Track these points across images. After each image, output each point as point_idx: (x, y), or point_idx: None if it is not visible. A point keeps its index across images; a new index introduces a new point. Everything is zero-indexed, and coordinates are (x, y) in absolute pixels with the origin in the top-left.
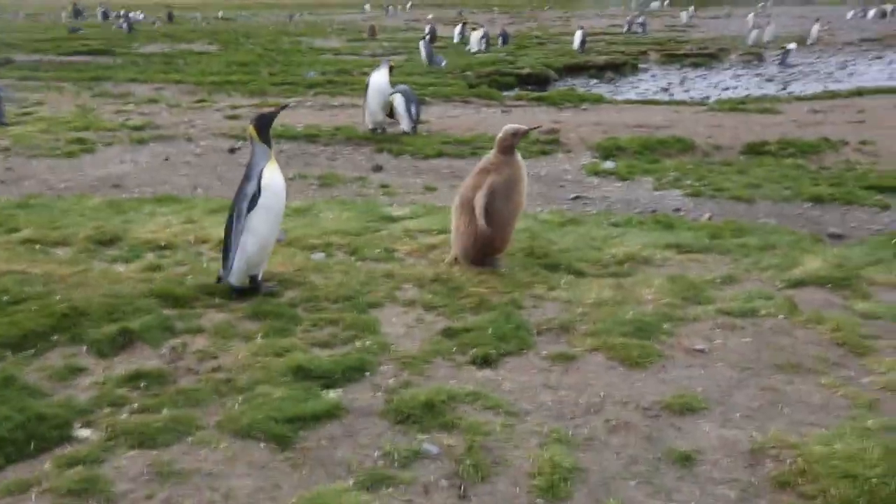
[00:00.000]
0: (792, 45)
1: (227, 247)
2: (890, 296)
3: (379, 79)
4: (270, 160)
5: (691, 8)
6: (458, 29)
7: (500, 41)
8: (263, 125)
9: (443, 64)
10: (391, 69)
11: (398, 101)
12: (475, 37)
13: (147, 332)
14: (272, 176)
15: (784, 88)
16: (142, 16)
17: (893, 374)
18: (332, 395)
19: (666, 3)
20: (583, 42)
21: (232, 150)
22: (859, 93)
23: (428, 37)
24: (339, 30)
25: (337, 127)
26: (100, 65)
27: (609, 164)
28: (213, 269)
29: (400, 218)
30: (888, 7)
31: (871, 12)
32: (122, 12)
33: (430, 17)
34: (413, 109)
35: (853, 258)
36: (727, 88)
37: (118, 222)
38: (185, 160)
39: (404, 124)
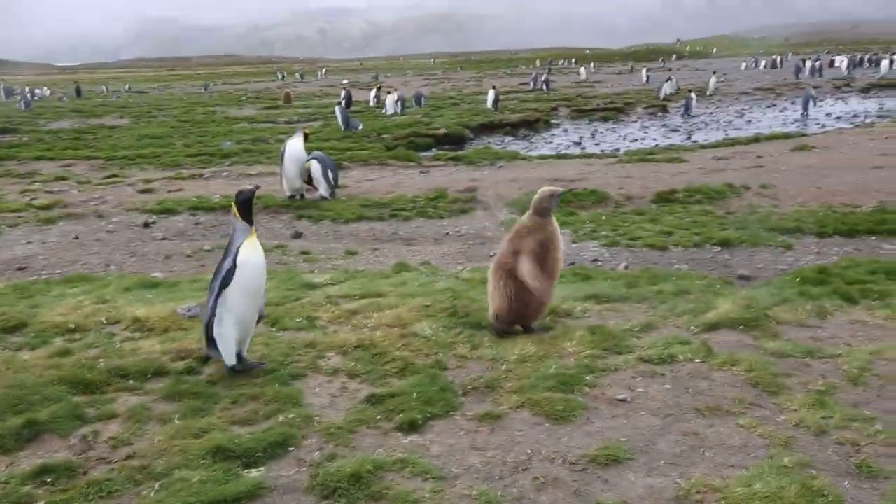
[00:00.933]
0: (692, 95)
1: (204, 324)
2: (796, 333)
3: (294, 146)
4: (250, 237)
5: (591, 64)
6: (373, 93)
7: (414, 103)
8: (244, 203)
9: (359, 128)
10: (306, 136)
11: (315, 168)
12: (390, 100)
13: (55, 422)
14: (249, 253)
15: (689, 137)
16: (48, 92)
17: (805, 412)
18: (254, 474)
19: (573, 60)
20: (496, 101)
21: (146, 225)
22: (757, 139)
23: (343, 102)
24: (253, 98)
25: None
26: (2, 143)
27: None
28: (127, 350)
29: (321, 284)
30: (777, 58)
31: (763, 62)
32: (25, 89)
33: (344, 82)
34: (330, 175)
35: (761, 299)
36: (636, 140)
37: (24, 307)
38: (96, 238)
39: (322, 190)
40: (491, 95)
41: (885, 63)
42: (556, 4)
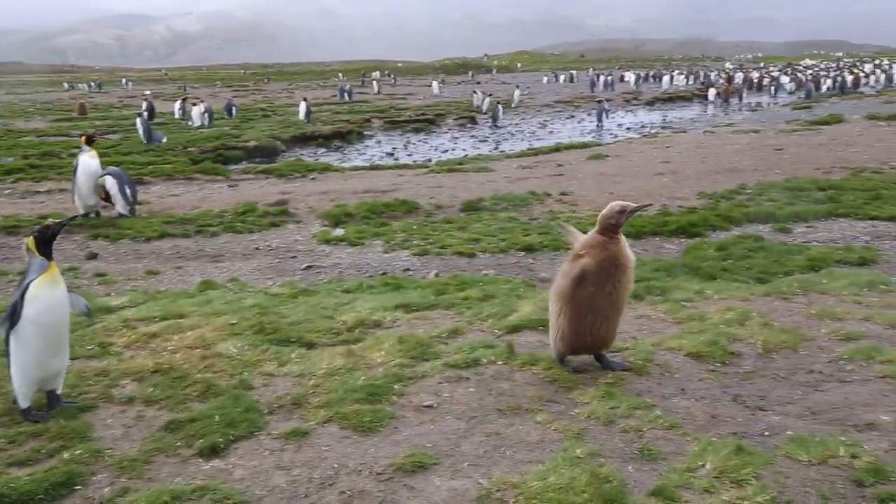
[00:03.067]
0: (500, 107)
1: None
2: None
3: (88, 161)
4: (46, 273)
5: (378, 74)
6: (177, 104)
7: (226, 113)
8: (45, 238)
9: (163, 141)
10: (89, 140)
11: (110, 183)
12: (197, 111)
13: None
14: (42, 288)
15: (496, 148)
16: None
17: (596, 404)
18: None
19: (387, 73)
20: (308, 112)
21: None
22: (557, 149)
23: (146, 113)
24: (43, 109)
25: (42, 215)
26: None
27: (339, 232)
28: None
29: (118, 308)
30: (574, 73)
31: (562, 77)
32: None
33: (147, 92)
34: (128, 190)
35: None
36: (447, 150)
37: None
38: None
39: (120, 206)
40: (303, 107)
41: (666, 78)
42: (369, 18)
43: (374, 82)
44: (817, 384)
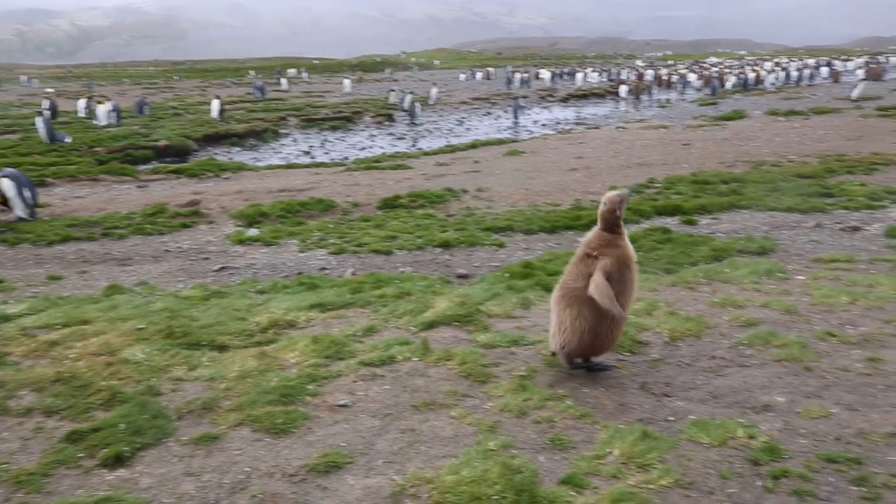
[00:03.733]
0: (417, 104)
1: None
2: (504, 325)
3: None
4: None
5: (294, 71)
6: (82, 103)
7: (136, 111)
8: None
9: (66, 140)
10: None
11: (6, 186)
12: (103, 110)
13: None
14: None
15: (414, 145)
16: None
17: (510, 397)
18: None
19: (302, 70)
20: (221, 111)
21: None
22: (474, 145)
23: (48, 112)
24: None
25: None
26: None
27: (253, 232)
28: None
29: (16, 315)
30: (491, 70)
31: (479, 74)
32: None
33: (49, 90)
34: (27, 193)
35: (474, 295)
36: (364, 148)
37: None
38: None
39: (19, 210)
40: (216, 105)
41: (580, 76)
42: (282, 14)
43: (284, 80)
44: (719, 369)
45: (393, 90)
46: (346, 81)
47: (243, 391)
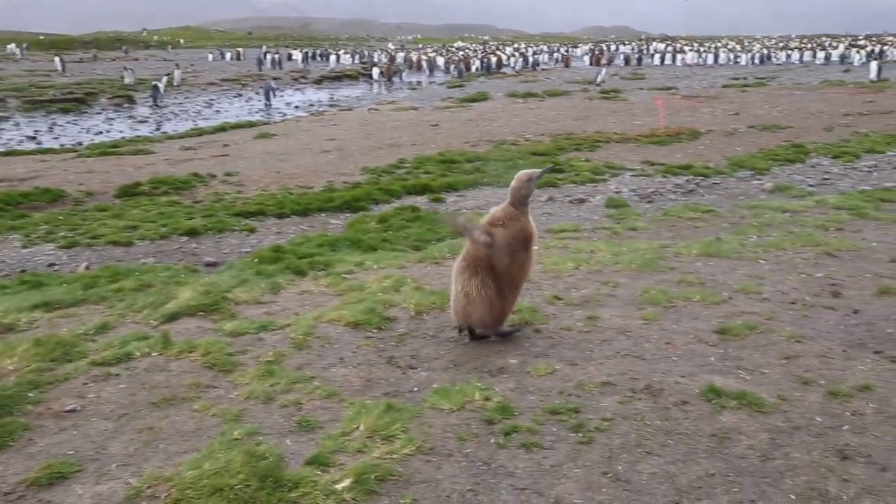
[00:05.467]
0: (160, 85)
1: None
2: (253, 311)
3: None
4: None
5: (14, 46)
6: None
7: None
8: None
9: None
10: None
11: None
12: None
13: None
14: None
15: (158, 128)
16: None
17: (256, 383)
18: None
19: (24, 45)
20: None
21: None
22: (223, 128)
23: None
24: None
25: None
26: None
27: None
28: None
29: None
30: (241, 50)
31: (229, 55)
32: None
33: None
34: None
35: (222, 283)
36: (101, 132)
37: None
38: None
39: None
40: None
41: (333, 58)
42: None
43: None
44: (461, 339)
45: (127, 69)
46: (57, 60)
47: None
